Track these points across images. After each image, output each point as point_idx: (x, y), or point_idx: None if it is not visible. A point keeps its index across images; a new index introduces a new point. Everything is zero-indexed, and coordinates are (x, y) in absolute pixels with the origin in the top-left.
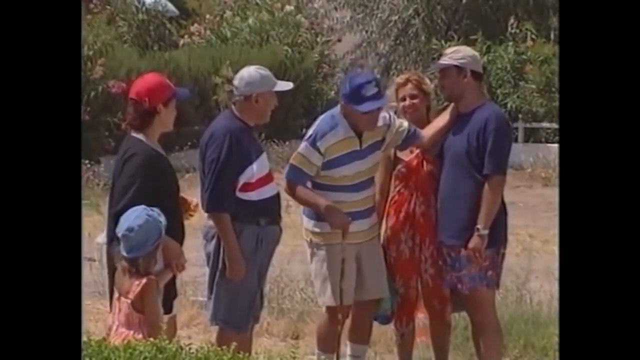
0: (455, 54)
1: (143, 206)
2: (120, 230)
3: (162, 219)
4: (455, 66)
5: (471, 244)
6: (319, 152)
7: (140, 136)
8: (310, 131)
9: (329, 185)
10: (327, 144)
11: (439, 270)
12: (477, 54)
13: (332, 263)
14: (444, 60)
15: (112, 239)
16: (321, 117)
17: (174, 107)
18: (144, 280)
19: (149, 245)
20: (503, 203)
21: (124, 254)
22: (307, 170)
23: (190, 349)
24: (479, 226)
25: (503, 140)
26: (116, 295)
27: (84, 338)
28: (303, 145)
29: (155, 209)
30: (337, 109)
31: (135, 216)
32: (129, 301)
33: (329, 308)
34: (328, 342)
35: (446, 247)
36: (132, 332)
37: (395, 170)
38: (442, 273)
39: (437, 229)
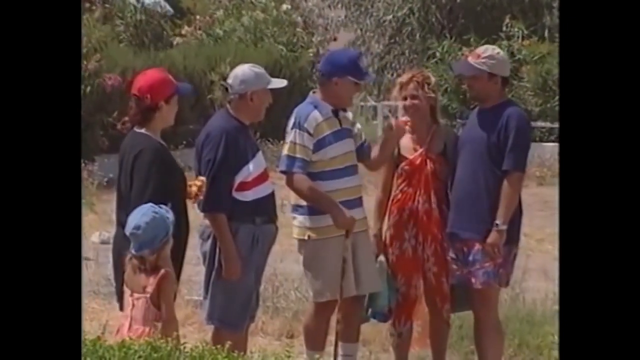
0: (490, 59)
1: (150, 204)
2: (128, 229)
3: (170, 215)
4: (488, 72)
5: (490, 239)
6: (308, 132)
7: (143, 131)
8: (292, 120)
9: (323, 173)
10: (313, 123)
11: (442, 268)
12: (507, 58)
13: (331, 257)
14: (478, 65)
15: (122, 238)
16: (296, 109)
17: (175, 102)
18: (161, 272)
19: (157, 242)
20: (519, 203)
21: (133, 252)
22: (302, 156)
23: (185, 348)
24: (498, 221)
25: (524, 137)
26: (128, 292)
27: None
28: (292, 134)
29: (163, 206)
30: (310, 96)
31: (142, 214)
32: (147, 296)
33: (319, 305)
34: (318, 340)
35: (460, 241)
36: (147, 328)
37: (399, 168)
38: (449, 269)
39: (441, 226)
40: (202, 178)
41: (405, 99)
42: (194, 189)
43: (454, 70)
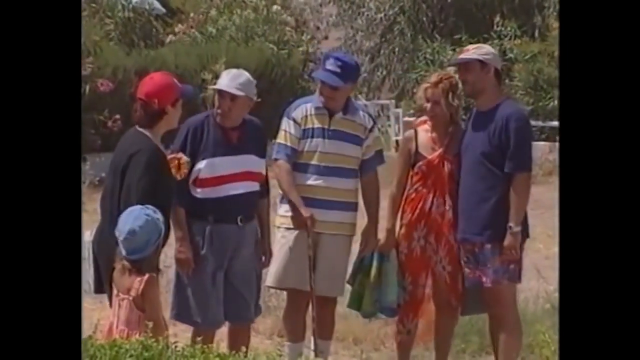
0: (479, 49)
1: (140, 206)
2: (121, 234)
3: (159, 215)
4: (479, 61)
5: (506, 242)
6: (295, 121)
7: (146, 132)
8: (287, 108)
9: (297, 165)
10: (300, 113)
11: (457, 267)
12: (497, 53)
13: (298, 247)
14: (468, 55)
15: (107, 235)
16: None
17: (180, 106)
18: (145, 277)
19: (150, 245)
20: None
21: (126, 255)
22: (286, 143)
23: (176, 347)
24: (510, 224)
25: (525, 138)
26: (115, 292)
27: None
28: (282, 122)
29: (150, 207)
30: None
31: (134, 217)
32: (130, 298)
33: (289, 295)
34: (294, 331)
35: (470, 244)
36: (131, 330)
37: (415, 167)
38: (462, 270)
39: (454, 227)
40: (181, 155)
41: (428, 101)
42: (174, 168)
43: (449, 64)
